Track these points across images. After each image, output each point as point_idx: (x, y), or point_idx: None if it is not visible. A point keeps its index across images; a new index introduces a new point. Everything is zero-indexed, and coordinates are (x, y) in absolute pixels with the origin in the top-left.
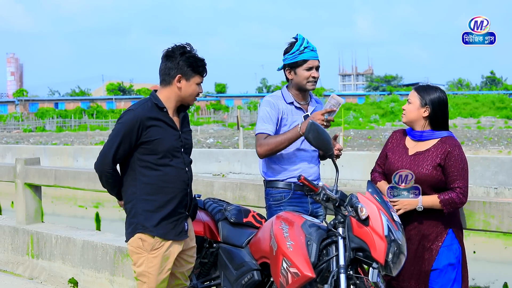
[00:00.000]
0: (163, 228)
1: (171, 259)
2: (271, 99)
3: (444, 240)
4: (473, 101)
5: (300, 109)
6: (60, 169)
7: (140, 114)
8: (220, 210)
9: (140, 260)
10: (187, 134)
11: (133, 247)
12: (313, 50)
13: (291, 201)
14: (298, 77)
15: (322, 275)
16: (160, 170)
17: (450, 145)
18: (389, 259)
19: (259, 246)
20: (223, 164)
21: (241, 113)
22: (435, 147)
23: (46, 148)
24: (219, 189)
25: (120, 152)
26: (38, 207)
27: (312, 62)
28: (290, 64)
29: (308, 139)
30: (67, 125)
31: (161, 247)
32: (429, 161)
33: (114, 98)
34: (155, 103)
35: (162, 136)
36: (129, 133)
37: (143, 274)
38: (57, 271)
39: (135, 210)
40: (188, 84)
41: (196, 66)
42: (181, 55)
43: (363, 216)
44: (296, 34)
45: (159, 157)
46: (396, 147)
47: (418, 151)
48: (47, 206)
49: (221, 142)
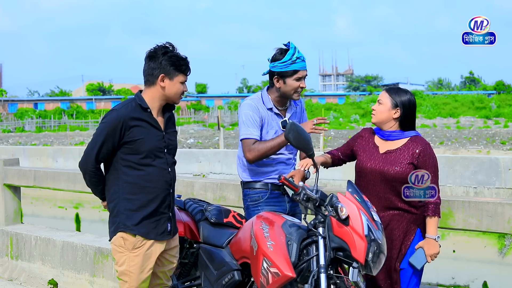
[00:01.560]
0: (145, 227)
1: (152, 259)
2: (252, 102)
3: (413, 240)
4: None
5: (278, 115)
6: (39, 169)
7: (123, 114)
8: (201, 210)
9: (122, 259)
10: (172, 135)
11: (116, 245)
12: (303, 60)
13: (268, 201)
14: (287, 86)
15: (302, 274)
16: (142, 169)
17: (421, 143)
18: (369, 259)
19: (239, 246)
20: (203, 164)
21: (221, 113)
22: (406, 146)
23: (26, 148)
24: (199, 189)
25: (103, 151)
26: (17, 208)
27: (302, 73)
28: (280, 73)
29: (288, 139)
30: (46, 126)
31: (143, 246)
32: (401, 159)
33: (94, 98)
34: (138, 104)
35: (145, 136)
36: (112, 133)
37: (124, 273)
38: (37, 272)
39: (118, 209)
40: (172, 83)
41: (179, 65)
42: (163, 55)
43: (343, 215)
44: (288, 42)
45: (142, 157)
46: (366, 146)
47: (389, 150)
48: (27, 207)
49: (202, 143)
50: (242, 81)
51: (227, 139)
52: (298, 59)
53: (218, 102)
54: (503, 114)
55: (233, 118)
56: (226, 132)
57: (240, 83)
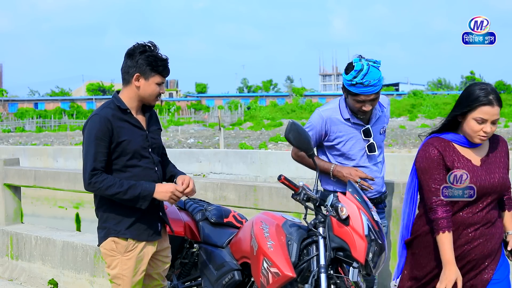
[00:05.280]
0: (136, 230)
1: (145, 261)
2: (324, 113)
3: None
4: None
5: (357, 125)
6: (40, 169)
7: (106, 115)
8: (201, 210)
9: (114, 262)
10: (155, 134)
11: (106, 249)
12: (368, 86)
13: None
14: (349, 103)
15: (302, 274)
16: (128, 171)
17: (500, 140)
18: (369, 259)
19: (239, 246)
20: (204, 164)
21: (222, 113)
22: (491, 148)
23: (26, 148)
24: (199, 189)
25: (100, 159)
26: (17, 208)
27: (363, 97)
28: (343, 87)
29: (289, 139)
30: (47, 126)
31: (135, 249)
32: (498, 164)
33: (95, 98)
34: (117, 105)
35: (129, 137)
36: (101, 136)
37: (117, 277)
38: (37, 272)
39: (107, 215)
40: (147, 84)
41: (156, 65)
42: (141, 54)
43: (343, 215)
44: (354, 59)
45: (128, 158)
46: (458, 163)
47: (482, 158)
48: (27, 206)
49: (202, 142)
50: (243, 81)
51: (227, 139)
52: (360, 84)
53: (219, 102)
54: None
55: (233, 118)
56: (226, 132)
57: (241, 83)
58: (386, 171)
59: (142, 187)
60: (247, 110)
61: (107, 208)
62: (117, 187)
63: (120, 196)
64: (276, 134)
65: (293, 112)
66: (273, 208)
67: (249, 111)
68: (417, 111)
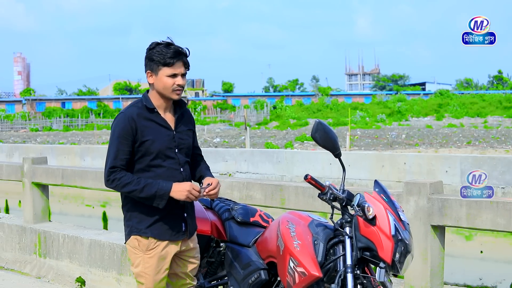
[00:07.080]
0: (157, 229)
1: (167, 259)
2: None
3: None
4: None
5: None
6: (67, 168)
7: (131, 114)
8: (227, 210)
9: (137, 260)
10: (184, 134)
11: (130, 247)
12: None
13: None
14: None
15: (329, 274)
16: (152, 171)
17: None
18: (396, 259)
19: (266, 245)
20: (229, 163)
21: (248, 113)
22: None
23: (53, 147)
24: (226, 188)
25: (122, 157)
26: (45, 206)
27: None
28: None
29: (315, 139)
30: (74, 125)
31: (157, 247)
32: None
33: (121, 97)
34: (144, 104)
35: (154, 136)
36: (125, 135)
37: (140, 275)
38: (64, 270)
39: (130, 213)
40: (158, 78)
41: (161, 58)
42: (147, 52)
43: (370, 215)
44: None
45: (152, 158)
46: None
47: None
48: (55, 205)
49: (228, 142)
50: (268, 80)
51: (253, 139)
52: None
53: (244, 101)
54: None
55: (259, 117)
56: (252, 132)
57: (266, 82)
58: (412, 171)
59: (158, 185)
60: (273, 109)
61: (131, 206)
62: (133, 185)
63: (137, 194)
64: (302, 133)
65: (319, 111)
66: (299, 208)
67: (275, 110)
68: (444, 110)
